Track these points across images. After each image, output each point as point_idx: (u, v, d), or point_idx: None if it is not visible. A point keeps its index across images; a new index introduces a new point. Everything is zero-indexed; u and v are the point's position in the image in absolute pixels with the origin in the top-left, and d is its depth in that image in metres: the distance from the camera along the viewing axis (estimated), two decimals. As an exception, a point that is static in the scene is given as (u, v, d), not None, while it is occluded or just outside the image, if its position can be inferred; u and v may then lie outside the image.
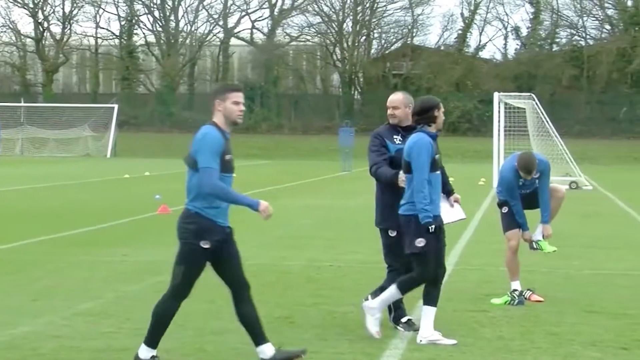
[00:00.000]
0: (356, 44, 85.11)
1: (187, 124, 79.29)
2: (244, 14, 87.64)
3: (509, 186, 11.27)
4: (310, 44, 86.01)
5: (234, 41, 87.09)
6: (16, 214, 22.03)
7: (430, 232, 8.75)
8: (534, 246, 11.39)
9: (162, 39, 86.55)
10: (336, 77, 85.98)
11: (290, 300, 11.10)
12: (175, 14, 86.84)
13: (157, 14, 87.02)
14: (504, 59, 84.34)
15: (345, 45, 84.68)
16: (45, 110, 70.38)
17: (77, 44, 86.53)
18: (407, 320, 9.54)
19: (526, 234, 11.34)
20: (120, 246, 15.94)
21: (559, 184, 11.53)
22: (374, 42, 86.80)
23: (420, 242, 8.79)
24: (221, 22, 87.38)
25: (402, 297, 9.52)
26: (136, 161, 56.82)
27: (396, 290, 9.02)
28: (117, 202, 25.64)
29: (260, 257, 14.83)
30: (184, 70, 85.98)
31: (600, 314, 10.42)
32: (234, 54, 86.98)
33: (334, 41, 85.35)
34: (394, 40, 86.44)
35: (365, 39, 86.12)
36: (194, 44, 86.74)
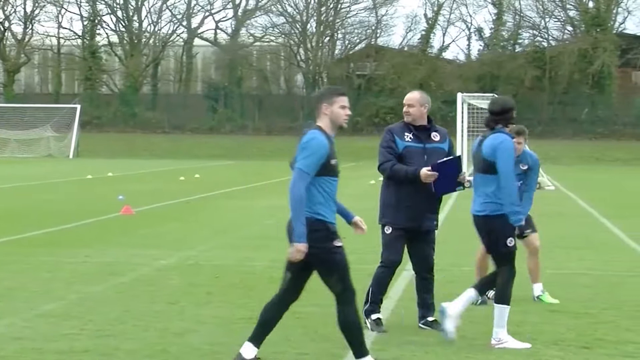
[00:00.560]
0: (320, 45, 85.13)
1: (151, 124, 79.10)
2: (207, 14, 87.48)
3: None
4: (274, 44, 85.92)
5: (197, 41, 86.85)
6: (-23, 215, 21.83)
7: (514, 232, 8.96)
8: (535, 300, 11.43)
9: (125, 39, 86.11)
10: (300, 78, 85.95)
11: (253, 300, 11.06)
12: (138, 14, 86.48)
13: (120, 14, 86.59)
14: (467, 59, 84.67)
15: (309, 45, 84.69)
16: (6, 110, 69.82)
17: (39, 44, 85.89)
18: (433, 320, 9.62)
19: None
20: (83, 247, 15.84)
21: (532, 237, 11.55)
22: (338, 43, 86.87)
23: (510, 241, 8.93)
24: (185, 23, 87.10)
25: (431, 298, 9.61)
26: (99, 162, 56.50)
27: (475, 293, 9.12)
28: (79, 203, 25.48)
29: (223, 258, 14.79)
30: (147, 70, 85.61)
31: (562, 314, 10.49)
32: (197, 54, 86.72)
33: (297, 42, 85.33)
34: (357, 40, 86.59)
35: (329, 40, 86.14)
36: (158, 44, 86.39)
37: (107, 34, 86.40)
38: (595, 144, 70.00)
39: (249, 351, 7.88)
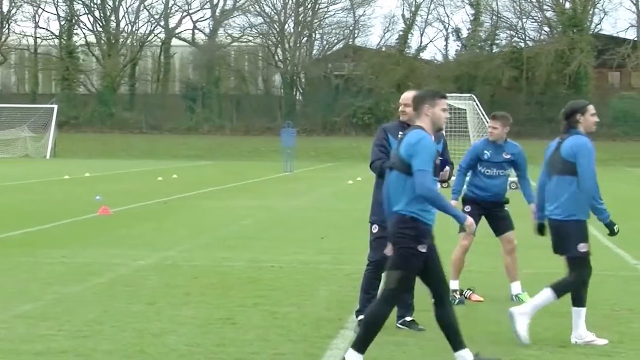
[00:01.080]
0: (298, 45, 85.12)
1: (128, 124, 78.89)
2: (185, 14, 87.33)
3: (471, 151, 11.39)
4: (252, 44, 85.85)
5: (175, 42, 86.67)
6: (-47, 215, 21.72)
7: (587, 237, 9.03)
8: (513, 299, 11.44)
9: (103, 39, 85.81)
10: (278, 78, 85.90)
11: (231, 301, 11.08)
12: (115, 14, 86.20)
13: (97, 14, 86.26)
14: (445, 60, 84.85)
15: (287, 46, 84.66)
16: (-17, 110, 69.49)
17: (16, 43, 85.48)
18: (411, 320, 9.63)
19: (455, 203, 11.35)
20: (60, 247, 15.79)
21: (508, 233, 11.60)
22: (316, 43, 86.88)
23: (583, 247, 9.02)
24: (162, 23, 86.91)
25: (411, 298, 9.60)
26: (76, 162, 56.29)
27: (552, 293, 9.14)
28: (57, 203, 25.39)
29: (201, 258, 14.78)
30: (125, 70, 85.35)
31: (539, 313, 10.52)
32: (175, 54, 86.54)
33: (275, 42, 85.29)
34: (335, 41, 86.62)
35: (306, 40, 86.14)
36: (135, 44, 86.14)
37: (84, 33, 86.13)
38: (572, 144, 70.21)
39: (353, 356, 7.87)
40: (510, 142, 11.75)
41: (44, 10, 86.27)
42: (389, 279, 7.89)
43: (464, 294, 11.29)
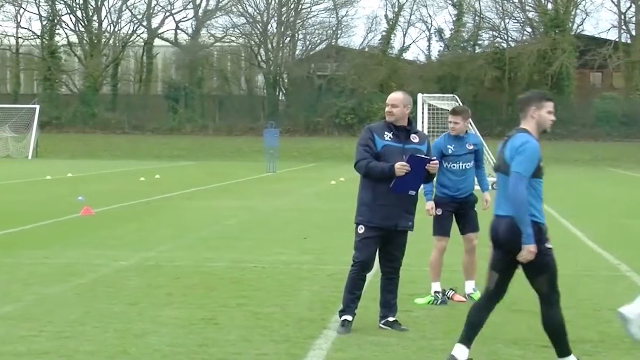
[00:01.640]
0: (281, 45, 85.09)
1: (111, 124, 78.67)
2: (168, 14, 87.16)
3: (435, 152, 11.34)
4: (234, 44, 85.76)
5: (157, 42, 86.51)
6: None
7: None
8: (466, 297, 11.44)
9: (85, 39, 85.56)
10: (261, 78, 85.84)
11: (214, 301, 11.06)
12: (98, 14, 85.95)
13: (79, 13, 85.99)
14: (428, 60, 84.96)
15: (269, 46, 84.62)
16: (-36, 111, 69.20)
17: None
18: (394, 320, 9.62)
19: (428, 204, 11.35)
20: (41, 248, 15.73)
21: (471, 234, 11.62)
22: (299, 43, 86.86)
23: None
24: (145, 23, 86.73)
25: (394, 298, 9.60)
26: (58, 162, 56.12)
27: None
28: (38, 204, 25.30)
29: (183, 259, 14.76)
30: (107, 70, 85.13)
31: (522, 313, 10.55)
32: (157, 54, 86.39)
33: (258, 42, 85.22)
34: (318, 41, 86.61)
35: (289, 40, 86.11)
36: (117, 45, 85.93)
37: (66, 34, 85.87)
38: (553, 144, 70.42)
39: (462, 353, 7.94)
40: (471, 134, 11.86)
41: (25, 10, 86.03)
42: (538, 287, 7.93)
43: (446, 294, 11.31)
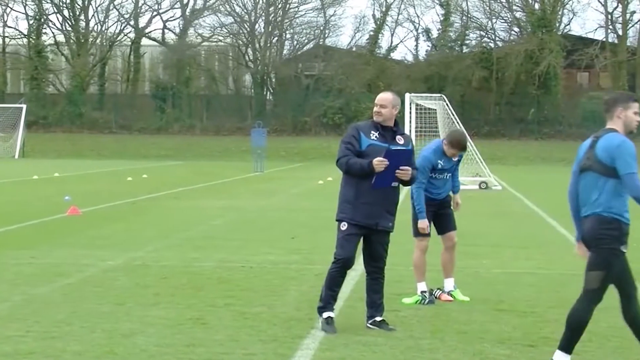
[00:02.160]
0: (268, 45, 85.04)
1: (98, 124, 78.50)
2: (155, 14, 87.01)
3: (425, 165, 11.36)
4: (222, 44, 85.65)
5: (145, 41, 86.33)
6: None
7: None
8: (448, 297, 11.44)
9: (72, 38, 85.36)
10: (248, 78, 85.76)
11: (201, 301, 11.05)
12: (85, 13, 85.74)
13: (66, 13, 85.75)
14: (415, 60, 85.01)
15: (257, 45, 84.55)
16: (-50, 110, 68.97)
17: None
18: (381, 320, 9.61)
19: (422, 222, 11.29)
20: (28, 248, 15.69)
21: (452, 233, 11.63)
22: (286, 43, 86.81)
23: None
24: (132, 22, 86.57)
25: (381, 298, 9.60)
26: (45, 162, 55.99)
27: None
28: (25, 204, 25.24)
29: (171, 259, 14.74)
30: (94, 70, 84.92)
31: (508, 312, 10.58)
32: (145, 54, 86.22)
33: (246, 42, 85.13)
34: (306, 41, 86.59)
35: (277, 40, 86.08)
36: (105, 44, 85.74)
37: (53, 33, 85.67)
38: (541, 144, 70.65)
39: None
40: None
41: (12, 9, 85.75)
42: (590, 279, 7.90)
43: (433, 293, 11.32)
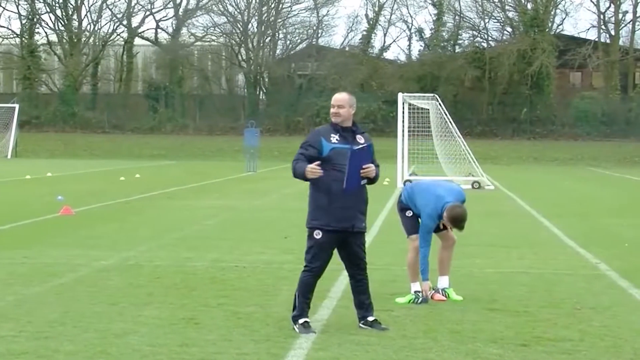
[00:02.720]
0: (261, 45, 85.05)
1: (91, 124, 78.45)
2: (148, 13, 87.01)
3: (428, 231, 11.22)
4: (215, 44, 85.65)
5: (138, 41, 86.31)
6: None
7: None
8: (442, 294, 11.42)
9: (65, 38, 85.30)
10: (241, 78, 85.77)
11: (194, 301, 11.05)
12: (78, 13, 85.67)
13: (59, 12, 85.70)
14: (408, 60, 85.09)
15: (250, 45, 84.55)
16: (-57, 110, 68.84)
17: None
18: (373, 320, 9.60)
19: (426, 284, 11.22)
20: (21, 248, 15.67)
21: (450, 232, 11.61)
22: (279, 43, 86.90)
23: None
24: (125, 22, 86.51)
25: (368, 298, 9.61)
26: (38, 162, 55.91)
27: None
28: (18, 204, 25.20)
29: (164, 258, 14.73)
30: (87, 70, 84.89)
31: (501, 312, 10.59)
32: (138, 53, 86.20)
33: (239, 41, 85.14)
34: (299, 40, 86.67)
35: (270, 40, 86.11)
36: (98, 44, 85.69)
37: (46, 32, 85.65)
38: (533, 143, 70.75)
39: None
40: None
41: (4, 8, 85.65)
42: None
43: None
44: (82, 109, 79.96)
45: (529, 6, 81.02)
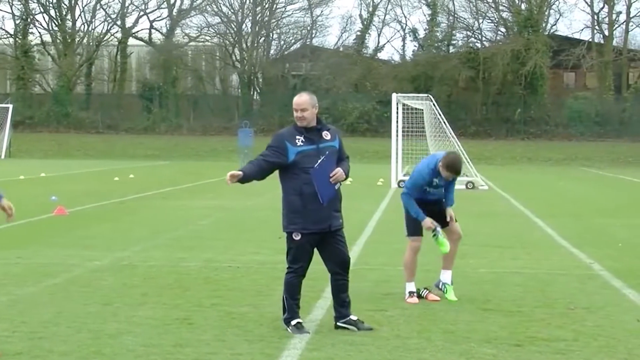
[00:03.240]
0: (255, 45, 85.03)
1: (84, 124, 78.38)
2: (142, 13, 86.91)
3: (421, 183, 11.25)
4: (209, 44, 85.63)
5: (132, 41, 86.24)
6: None
7: None
8: (441, 288, 11.40)
9: (59, 38, 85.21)
10: (235, 78, 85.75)
11: (188, 301, 11.05)
12: (71, 13, 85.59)
13: (53, 12, 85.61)
14: (402, 60, 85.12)
15: (244, 45, 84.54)
16: (-64, 110, 68.75)
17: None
18: (356, 319, 9.60)
19: (426, 220, 11.21)
20: (15, 248, 15.66)
21: (455, 225, 11.58)
22: (273, 43, 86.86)
23: None
24: (119, 22, 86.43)
25: (348, 296, 9.60)
26: (32, 162, 55.86)
27: None
28: (12, 204, 25.13)
29: (158, 258, 14.73)
30: (81, 70, 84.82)
31: (495, 312, 10.61)
32: (132, 54, 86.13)
33: (233, 42, 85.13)
34: (293, 41, 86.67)
35: (264, 40, 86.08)
36: (91, 44, 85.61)
37: (39, 33, 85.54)
38: (527, 144, 70.81)
39: None
40: None
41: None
42: None
43: (420, 293, 11.34)
44: (76, 109, 79.89)
45: (523, 6, 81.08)
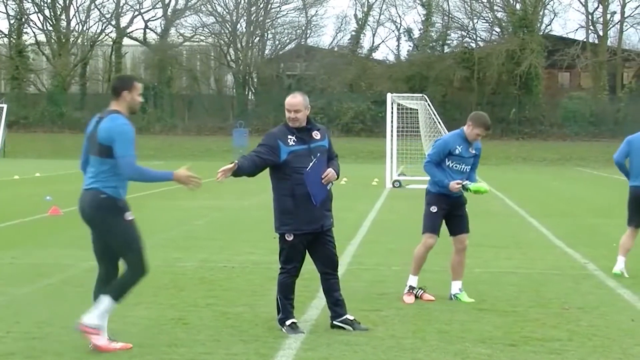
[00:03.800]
0: (250, 45, 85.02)
1: (79, 124, 78.22)
2: (136, 13, 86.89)
3: (441, 147, 11.31)
4: (204, 44, 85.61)
5: (126, 41, 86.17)
6: None
7: None
8: (452, 298, 11.36)
9: (53, 38, 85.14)
10: (230, 78, 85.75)
11: (183, 301, 11.05)
12: (66, 13, 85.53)
13: (47, 12, 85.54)
14: (397, 60, 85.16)
15: (239, 45, 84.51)
16: None
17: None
18: (353, 319, 9.60)
19: (452, 184, 11.30)
20: (9, 248, 15.64)
21: (463, 235, 11.55)
22: (268, 43, 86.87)
23: None
24: (113, 22, 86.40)
25: (341, 295, 9.61)
26: (26, 162, 55.81)
27: None
28: (6, 204, 25.14)
29: (153, 258, 14.65)
30: (76, 70, 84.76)
31: (489, 312, 10.61)
32: (126, 54, 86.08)
33: (227, 41, 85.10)
34: (287, 41, 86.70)
35: (259, 40, 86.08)
36: (86, 44, 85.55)
37: (34, 32, 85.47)
38: (522, 144, 70.86)
39: None
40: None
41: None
42: None
43: (415, 292, 11.34)
44: (71, 109, 79.82)
45: (518, 7, 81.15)
